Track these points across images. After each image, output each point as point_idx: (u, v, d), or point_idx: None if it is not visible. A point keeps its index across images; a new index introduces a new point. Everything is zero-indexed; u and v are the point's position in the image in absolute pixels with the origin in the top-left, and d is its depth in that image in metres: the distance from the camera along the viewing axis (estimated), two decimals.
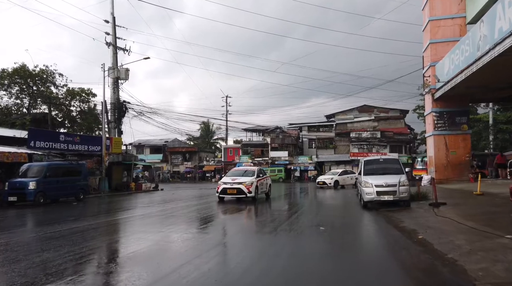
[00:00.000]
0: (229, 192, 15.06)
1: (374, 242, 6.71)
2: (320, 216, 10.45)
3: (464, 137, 21.20)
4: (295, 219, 10.02)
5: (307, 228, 8.43)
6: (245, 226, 9.39)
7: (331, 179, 25.60)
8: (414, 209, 11.21)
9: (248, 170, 16.91)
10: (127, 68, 26.75)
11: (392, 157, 14.32)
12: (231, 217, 10.96)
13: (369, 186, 11.73)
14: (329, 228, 8.20)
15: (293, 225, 8.93)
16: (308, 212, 11.99)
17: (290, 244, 6.58)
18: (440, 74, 19.81)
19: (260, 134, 55.36)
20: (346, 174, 27.00)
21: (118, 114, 26.85)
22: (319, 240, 6.87)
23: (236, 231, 8.48)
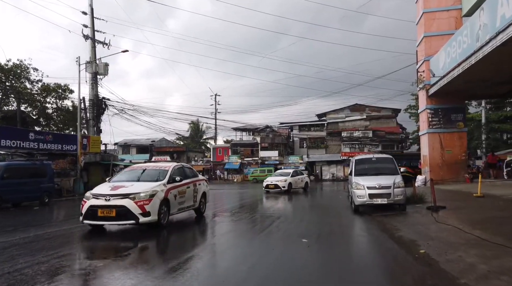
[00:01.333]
0: (100, 213, 7.71)
1: (367, 261, 5.47)
2: (305, 223, 9.20)
3: (460, 136, 20.22)
4: (275, 227, 8.77)
5: (286, 239, 7.17)
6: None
7: (285, 181, 20.65)
8: (410, 214, 10.06)
9: (153, 169, 9.55)
10: (106, 63, 25.23)
11: (386, 156, 13.12)
12: None
13: (361, 187, 10.54)
14: (314, 239, 6.94)
15: (272, 234, 7.68)
16: (291, 218, 10.76)
17: (261, 264, 5.27)
18: (435, 69, 18.78)
19: (250, 134, 54.10)
20: (297, 174, 22.95)
21: (96, 111, 25.33)
22: (298, 257, 5.60)
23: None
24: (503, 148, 37.59)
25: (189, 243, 7.21)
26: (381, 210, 10.80)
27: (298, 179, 22.17)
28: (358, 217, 10.10)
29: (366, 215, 10.37)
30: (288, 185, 20.41)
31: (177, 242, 7.36)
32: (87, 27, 25.24)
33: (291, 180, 20.85)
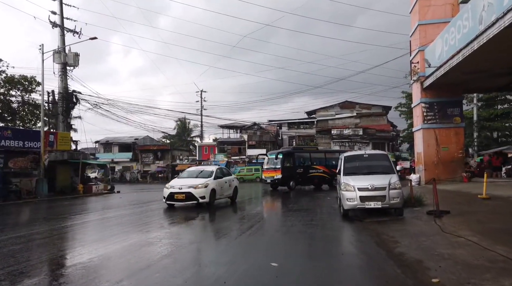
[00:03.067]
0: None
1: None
2: (280, 234, 7.53)
3: (457, 131, 18.84)
4: (245, 238, 7.10)
5: (249, 261, 5.49)
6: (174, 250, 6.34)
7: (205, 186, 12.33)
8: (409, 220, 8.50)
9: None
10: (77, 53, 23.21)
11: (379, 152, 11.51)
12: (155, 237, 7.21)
13: (351, 189, 8.94)
14: (287, 260, 5.28)
15: (235, 260, 6.02)
16: (267, 225, 9.10)
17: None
18: (431, 59, 17.33)
19: (237, 131, 52.36)
20: (223, 175, 14.05)
21: (66, 105, 23.30)
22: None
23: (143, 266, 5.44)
24: (494, 146, 36.72)
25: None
26: (374, 215, 9.25)
27: (225, 183, 13.75)
28: (347, 224, 8.48)
29: (356, 221, 8.78)
30: (211, 192, 12.43)
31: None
32: (55, 14, 23.17)
33: (214, 184, 12.79)
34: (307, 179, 23.04)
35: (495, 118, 40.24)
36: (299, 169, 22.70)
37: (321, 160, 24.21)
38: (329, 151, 29.68)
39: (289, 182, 21.84)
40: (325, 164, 23.80)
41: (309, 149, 25.90)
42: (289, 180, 21.83)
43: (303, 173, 22.78)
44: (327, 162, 23.97)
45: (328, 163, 23.82)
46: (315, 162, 23.82)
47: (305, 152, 25.23)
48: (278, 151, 23.88)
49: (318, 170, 23.39)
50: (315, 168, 23.41)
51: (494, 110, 40.67)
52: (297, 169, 22.57)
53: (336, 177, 21.27)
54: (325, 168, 23.55)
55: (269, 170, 22.96)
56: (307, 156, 24.17)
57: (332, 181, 22.88)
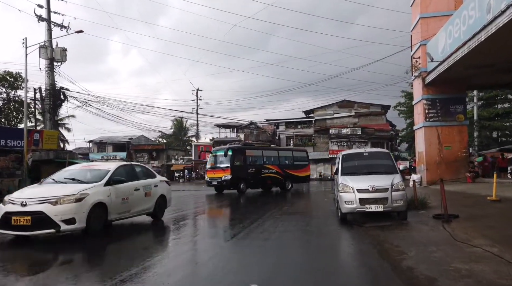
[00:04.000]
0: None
1: None
2: (268, 244, 6.63)
3: (460, 129, 18.03)
4: (231, 246, 6.23)
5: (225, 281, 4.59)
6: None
7: (77, 200, 6.65)
8: (414, 225, 7.64)
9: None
10: (64, 48, 22.25)
11: (381, 150, 10.66)
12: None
13: (349, 190, 8.09)
14: (272, 279, 4.41)
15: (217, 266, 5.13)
16: (253, 235, 8.24)
17: None
18: (434, 53, 16.49)
19: (233, 131, 51.45)
20: (130, 177, 8.28)
21: (53, 103, 22.36)
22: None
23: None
24: (495, 146, 36.07)
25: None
26: (375, 219, 8.40)
27: (135, 190, 8.25)
28: (345, 230, 7.62)
29: (356, 226, 7.92)
30: (92, 210, 6.87)
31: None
32: (42, 8, 22.22)
33: (104, 193, 7.33)
34: (259, 180, 20.29)
35: (495, 117, 39.62)
36: (250, 168, 19.94)
37: (275, 159, 21.75)
38: (283, 149, 27.26)
39: (240, 184, 18.99)
40: (278, 163, 21.58)
41: (262, 146, 22.99)
42: (239, 181, 18.98)
43: (255, 174, 20.03)
44: (281, 161, 21.92)
45: (282, 162, 21.93)
46: (268, 161, 21.27)
47: (257, 149, 22.06)
48: (226, 146, 20.64)
49: (271, 170, 20.85)
50: (268, 168, 20.84)
51: (494, 110, 40.05)
52: (248, 169, 19.79)
53: (284, 180, 20.88)
54: (278, 168, 21.20)
55: (215, 170, 19.59)
56: (259, 154, 21.24)
57: (285, 183, 21.40)
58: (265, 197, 18.06)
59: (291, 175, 22.06)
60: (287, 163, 22.45)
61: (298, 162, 23.31)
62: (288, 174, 21.79)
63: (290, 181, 21.77)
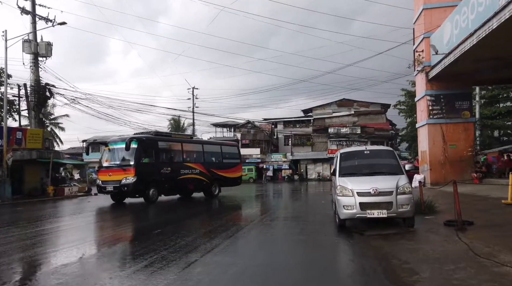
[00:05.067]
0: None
1: None
2: (249, 264, 5.63)
3: (466, 127, 17.04)
4: (210, 259, 5.21)
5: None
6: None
7: None
8: (424, 234, 6.64)
9: None
10: (49, 42, 21.25)
11: (383, 148, 9.59)
12: None
13: (348, 193, 7.08)
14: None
15: None
16: (239, 245, 7.22)
17: None
18: (439, 45, 15.50)
19: (231, 130, 50.46)
20: None
21: (37, 100, 21.32)
22: None
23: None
24: (497, 146, 35.22)
25: None
26: (378, 225, 7.41)
27: None
28: (344, 240, 6.60)
29: (356, 234, 6.91)
30: None
31: None
32: (26, 0, 21.19)
33: None
34: (177, 184, 15.53)
35: (497, 116, 38.81)
36: (165, 167, 14.98)
37: (198, 155, 17.06)
38: (209, 143, 20.67)
39: (148, 189, 13.96)
40: (203, 161, 16.91)
41: (181, 138, 17.71)
42: (148, 185, 13.97)
43: (172, 175, 15.11)
44: (206, 158, 17.29)
45: (208, 159, 17.34)
46: (190, 158, 16.59)
47: (175, 141, 16.69)
48: (129, 136, 14.88)
49: (193, 170, 16.12)
50: (190, 167, 16.08)
51: (496, 108, 39.23)
52: (162, 168, 14.82)
53: (211, 183, 16.42)
54: (203, 167, 16.56)
55: (111, 170, 14.29)
56: (178, 148, 16.23)
57: (212, 187, 16.90)
58: (257, 198, 17.05)
59: (220, 176, 17.53)
60: (214, 160, 17.91)
61: (228, 159, 18.72)
62: (216, 175, 17.27)
63: (218, 184, 17.37)
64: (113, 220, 10.89)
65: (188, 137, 18.87)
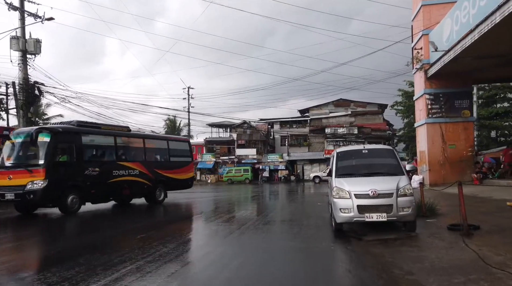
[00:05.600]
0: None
1: None
2: (241, 268, 5.12)
3: (466, 126, 16.62)
4: (189, 272, 4.69)
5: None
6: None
7: None
8: (427, 240, 6.14)
9: None
10: (37, 39, 20.59)
11: (383, 147, 9.07)
12: None
13: (345, 195, 6.60)
14: None
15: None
16: (226, 254, 6.70)
17: None
18: (438, 42, 15.05)
19: (226, 130, 49.93)
20: None
21: (26, 98, 20.66)
22: None
23: None
24: (493, 146, 34.98)
25: None
26: (377, 229, 6.93)
27: None
28: (340, 246, 6.10)
29: (354, 239, 6.42)
30: None
31: None
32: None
33: None
34: (108, 188, 12.38)
35: (494, 117, 38.64)
36: (91, 168, 11.80)
37: (138, 152, 13.99)
38: (153, 137, 16.61)
39: (65, 196, 10.83)
40: (144, 160, 13.91)
41: (114, 131, 13.66)
42: (65, 191, 10.86)
43: (101, 177, 12.01)
44: (149, 155, 14.34)
45: (150, 158, 14.45)
46: (126, 156, 13.36)
47: (105, 134, 13.06)
48: (38, 127, 11.95)
49: (131, 171, 13.09)
50: (126, 167, 12.96)
51: (493, 109, 39.06)
52: (87, 169, 11.66)
53: (154, 186, 13.50)
54: (144, 168, 13.62)
55: (11, 171, 10.78)
56: (110, 144, 12.98)
57: (156, 192, 14.15)
58: (251, 200, 16.54)
59: (166, 178, 14.68)
60: (159, 158, 15.13)
61: (177, 157, 15.86)
62: (161, 176, 14.46)
63: (163, 188, 14.61)
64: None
65: (124, 129, 14.52)
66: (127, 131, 14.60)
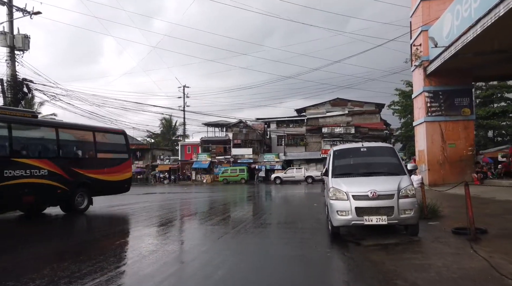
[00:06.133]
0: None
1: None
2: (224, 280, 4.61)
3: (466, 125, 16.19)
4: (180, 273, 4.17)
5: None
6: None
7: None
8: (431, 245, 5.66)
9: None
10: (26, 35, 19.99)
11: (383, 145, 8.53)
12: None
13: (343, 197, 6.11)
14: None
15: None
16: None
17: None
18: (438, 38, 14.61)
19: (222, 130, 49.36)
20: None
21: (13, 96, 20.03)
22: None
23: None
24: (491, 146, 34.71)
25: None
26: (376, 233, 6.45)
27: None
28: (336, 251, 5.60)
29: (351, 244, 5.93)
30: None
31: None
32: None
33: None
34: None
35: (492, 116, 38.46)
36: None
37: (48, 147, 11.06)
38: (72, 127, 12.25)
39: None
40: (57, 156, 10.80)
41: (9, 116, 9.88)
42: None
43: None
44: (65, 151, 11.40)
45: (67, 153, 11.53)
46: (27, 150, 10.34)
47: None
48: None
49: (35, 171, 9.85)
50: (26, 166, 9.69)
51: (490, 109, 38.84)
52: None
53: (72, 190, 10.44)
54: (56, 166, 10.48)
55: None
56: (2, 134, 9.62)
57: (75, 197, 11.00)
58: (245, 200, 16.01)
59: (91, 179, 11.61)
60: (80, 155, 11.88)
61: (106, 153, 12.82)
62: (83, 177, 11.40)
63: (86, 193, 11.50)
64: None
65: (27, 115, 10.86)
66: (32, 117, 10.97)
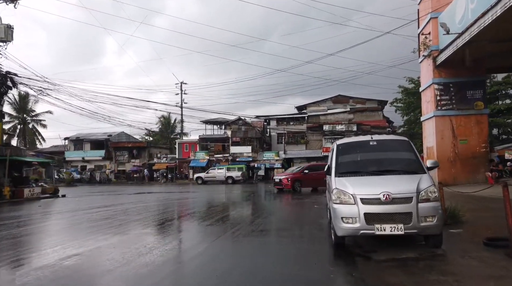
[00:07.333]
0: None
1: None
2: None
3: (479, 119, 14.99)
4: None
5: None
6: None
7: None
8: (460, 261, 4.51)
9: None
10: (9, 25, 18.87)
11: (396, 138, 7.12)
12: None
13: (349, 200, 4.97)
14: None
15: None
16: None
17: None
18: (450, 24, 13.41)
19: (221, 127, 48.22)
20: None
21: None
22: None
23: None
24: (497, 144, 33.56)
25: None
26: (389, 244, 5.30)
27: None
28: (342, 271, 4.45)
29: (359, 258, 4.80)
30: None
31: None
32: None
33: None
34: None
35: (497, 114, 37.27)
36: None
37: None
38: None
39: None
40: None
41: None
42: None
43: None
44: None
45: None
46: None
47: None
48: None
49: None
50: None
51: (495, 106, 37.70)
52: None
53: None
54: None
55: None
56: None
57: None
58: (239, 201, 14.87)
59: None
60: None
61: None
62: None
63: None
64: None
65: None
66: None
